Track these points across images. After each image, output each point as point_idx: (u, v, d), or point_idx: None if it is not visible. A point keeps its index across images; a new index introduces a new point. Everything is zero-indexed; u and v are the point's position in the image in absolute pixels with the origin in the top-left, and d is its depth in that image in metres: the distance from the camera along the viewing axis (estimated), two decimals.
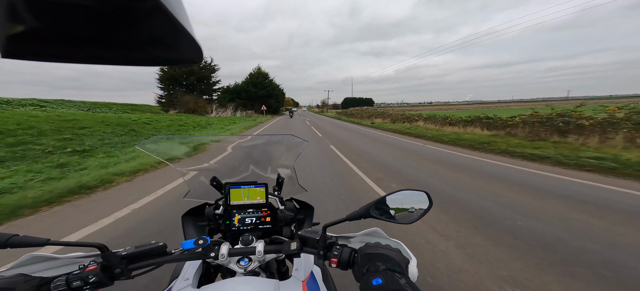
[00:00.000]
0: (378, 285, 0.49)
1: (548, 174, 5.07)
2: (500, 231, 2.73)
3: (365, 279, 0.53)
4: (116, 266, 0.60)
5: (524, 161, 6.34)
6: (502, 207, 3.38)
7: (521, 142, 8.33)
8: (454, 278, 1.99)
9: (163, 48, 0.28)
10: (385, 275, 0.52)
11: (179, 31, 0.24)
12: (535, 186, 4.26)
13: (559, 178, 4.81)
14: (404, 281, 0.50)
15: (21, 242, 0.51)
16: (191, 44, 0.27)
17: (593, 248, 2.38)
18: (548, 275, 2.02)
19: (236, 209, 0.94)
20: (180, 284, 0.70)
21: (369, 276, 0.53)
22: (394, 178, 4.91)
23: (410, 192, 0.65)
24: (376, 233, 0.70)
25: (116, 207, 3.27)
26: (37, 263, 0.59)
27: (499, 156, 7.08)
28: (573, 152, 6.54)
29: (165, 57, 0.30)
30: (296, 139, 1.16)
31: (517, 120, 9.92)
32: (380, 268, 0.55)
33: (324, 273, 0.83)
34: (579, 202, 3.52)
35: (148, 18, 0.22)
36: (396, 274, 0.52)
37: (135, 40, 0.25)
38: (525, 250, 2.36)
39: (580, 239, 2.54)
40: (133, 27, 0.23)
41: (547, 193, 3.94)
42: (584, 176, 4.93)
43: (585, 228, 2.79)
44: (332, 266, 0.66)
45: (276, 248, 0.74)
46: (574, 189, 4.08)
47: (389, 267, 0.55)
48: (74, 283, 0.55)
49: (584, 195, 3.81)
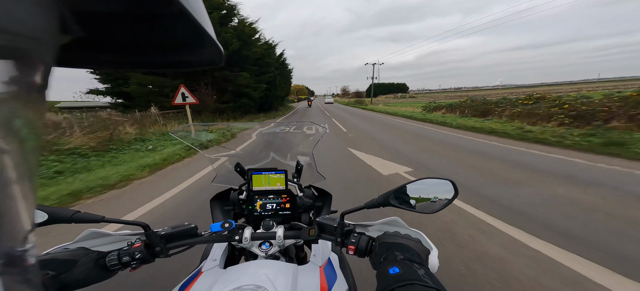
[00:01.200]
0: (395, 274, 0.49)
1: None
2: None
3: (382, 267, 0.53)
4: (157, 245, 0.67)
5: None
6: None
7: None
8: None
9: (188, 51, 0.29)
10: (403, 264, 0.51)
11: (202, 34, 0.25)
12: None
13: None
14: (422, 272, 0.49)
15: (82, 218, 0.59)
16: (212, 46, 0.29)
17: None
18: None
19: (258, 195, 0.99)
20: (209, 264, 0.76)
21: (387, 265, 0.53)
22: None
23: (434, 180, 0.62)
24: (395, 222, 0.70)
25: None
26: (94, 238, 0.68)
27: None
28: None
29: (188, 60, 0.32)
30: (315, 126, 1.17)
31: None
32: (398, 258, 0.54)
33: (340, 259, 0.86)
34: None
35: (175, 23, 0.24)
36: (415, 264, 0.52)
37: (164, 45, 0.28)
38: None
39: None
40: (162, 33, 0.25)
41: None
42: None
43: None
44: (349, 253, 0.68)
45: (295, 234, 0.78)
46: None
47: (408, 257, 0.55)
48: (124, 258, 0.63)
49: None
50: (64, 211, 0.58)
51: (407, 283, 0.46)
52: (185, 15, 0.22)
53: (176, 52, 0.29)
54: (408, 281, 0.46)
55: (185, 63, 0.32)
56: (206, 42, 0.28)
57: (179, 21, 0.23)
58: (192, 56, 0.31)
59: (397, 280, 0.47)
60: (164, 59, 0.30)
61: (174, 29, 0.25)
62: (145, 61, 0.29)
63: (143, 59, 0.29)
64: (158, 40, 0.27)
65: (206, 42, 0.27)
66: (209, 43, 0.28)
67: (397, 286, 0.46)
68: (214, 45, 0.29)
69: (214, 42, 0.28)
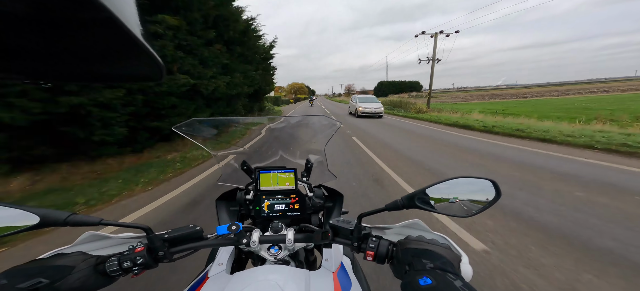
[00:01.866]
0: (427, 285, 0.43)
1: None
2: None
3: (411, 277, 0.47)
4: (160, 249, 0.63)
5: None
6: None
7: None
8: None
9: (119, 65, 0.26)
10: (435, 274, 0.45)
11: (136, 45, 0.22)
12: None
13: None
14: (460, 284, 0.43)
15: (77, 221, 0.54)
16: (149, 59, 0.25)
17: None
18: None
19: (266, 195, 0.95)
20: (216, 268, 0.72)
21: (415, 274, 0.47)
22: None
23: (471, 179, 0.54)
24: (417, 225, 0.65)
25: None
26: (94, 241, 0.64)
27: None
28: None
29: (122, 74, 0.28)
30: (328, 120, 1.12)
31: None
32: (427, 266, 0.49)
33: (354, 264, 0.81)
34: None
35: (100, 31, 0.20)
36: (449, 274, 0.46)
37: (89, 56, 0.23)
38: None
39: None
40: (85, 42, 0.21)
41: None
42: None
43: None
44: (367, 259, 0.63)
45: (307, 237, 0.73)
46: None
47: (439, 266, 0.49)
48: (124, 263, 0.58)
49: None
50: (57, 214, 0.53)
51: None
52: (114, 22, 0.18)
53: (106, 65, 0.25)
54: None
55: (118, 77, 0.28)
56: (141, 55, 0.24)
57: (107, 29, 0.20)
58: (126, 69, 0.27)
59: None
60: (91, 71, 0.26)
61: (101, 38, 0.21)
62: (66, 72, 0.25)
63: (64, 70, 0.25)
64: (83, 51, 0.22)
65: (141, 54, 0.24)
66: (145, 56, 0.24)
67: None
68: (151, 58, 0.25)
69: (152, 55, 0.25)
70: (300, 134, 1.33)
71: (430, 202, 0.56)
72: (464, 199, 0.54)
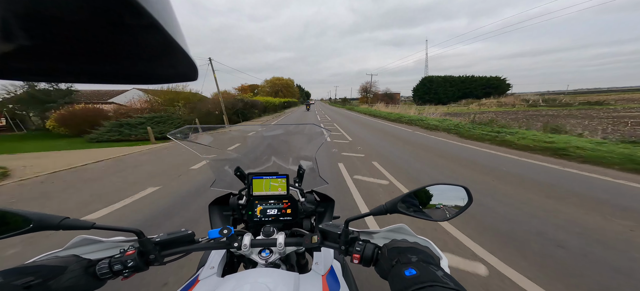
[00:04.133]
0: (412, 276, 0.46)
1: None
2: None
3: (397, 270, 0.50)
4: (151, 252, 0.64)
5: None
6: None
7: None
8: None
9: (158, 66, 0.28)
10: (419, 266, 0.48)
11: (175, 48, 0.24)
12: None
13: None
14: (441, 273, 0.46)
15: (71, 225, 0.56)
16: (186, 62, 0.27)
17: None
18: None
19: (258, 200, 0.96)
20: (207, 272, 0.73)
21: (401, 267, 0.50)
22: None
23: (446, 186, 0.59)
24: (402, 229, 0.68)
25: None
26: (86, 245, 0.65)
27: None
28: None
29: (160, 75, 0.30)
30: (317, 128, 1.15)
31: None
32: (412, 260, 0.52)
33: (343, 268, 0.83)
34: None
35: (143, 36, 0.22)
36: (431, 266, 0.49)
37: (130, 58, 0.25)
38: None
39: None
40: (128, 45, 0.23)
41: None
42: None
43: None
44: (353, 262, 0.65)
45: (297, 241, 0.75)
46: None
47: (422, 258, 0.52)
48: (115, 266, 0.60)
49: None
50: (51, 218, 0.54)
51: (426, 285, 0.43)
52: (156, 28, 0.20)
53: (145, 66, 0.27)
54: (427, 282, 0.43)
55: (156, 77, 0.30)
56: (179, 57, 0.26)
57: (149, 34, 0.21)
58: (164, 70, 0.29)
59: (414, 282, 0.44)
60: (131, 72, 0.27)
61: (143, 41, 0.23)
62: (108, 73, 0.27)
63: (107, 71, 0.26)
64: (124, 53, 0.24)
65: (179, 56, 0.26)
66: (182, 57, 0.26)
67: (416, 288, 0.43)
68: (187, 60, 0.27)
69: (188, 57, 0.27)
70: (291, 140, 1.36)
71: (410, 207, 0.59)
72: (441, 204, 0.58)
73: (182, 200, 3.65)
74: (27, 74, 0.24)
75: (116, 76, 0.27)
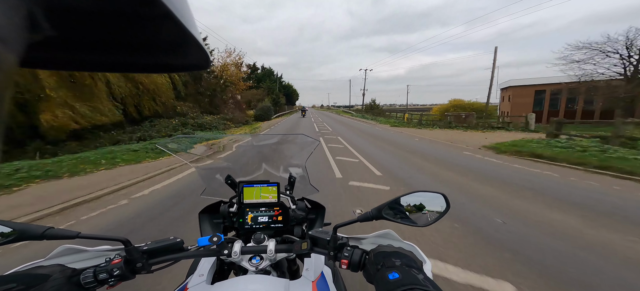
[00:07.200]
0: (395, 279, 0.49)
1: None
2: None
3: (381, 274, 0.53)
4: (138, 261, 0.63)
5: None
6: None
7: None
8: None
9: (171, 55, 0.28)
10: (402, 269, 0.52)
11: (188, 38, 0.24)
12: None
13: None
14: (422, 277, 0.49)
15: (55, 234, 0.55)
16: (199, 50, 0.28)
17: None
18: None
19: (249, 208, 0.97)
20: (196, 280, 0.72)
21: (385, 271, 0.53)
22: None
23: (426, 193, 0.63)
24: (389, 235, 0.70)
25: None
26: (71, 254, 0.64)
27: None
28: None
29: (173, 64, 0.30)
30: (308, 138, 1.17)
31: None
32: (396, 264, 0.54)
33: (334, 274, 0.83)
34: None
35: (157, 25, 0.22)
36: (413, 269, 0.52)
37: (144, 47, 0.26)
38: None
39: None
40: (143, 34, 0.24)
41: None
42: None
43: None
44: (342, 267, 0.66)
45: (287, 248, 0.75)
46: None
47: (405, 262, 0.55)
48: (100, 275, 0.58)
49: None
50: (35, 228, 0.54)
51: (407, 287, 0.46)
52: (170, 17, 0.20)
53: (159, 55, 0.28)
54: (408, 285, 0.46)
55: (170, 66, 0.31)
56: (192, 46, 0.27)
57: (163, 23, 0.22)
58: (177, 59, 0.29)
59: (397, 285, 0.47)
60: (146, 61, 0.29)
61: (158, 30, 0.23)
62: (124, 62, 0.28)
63: (122, 60, 0.28)
64: (139, 42, 0.25)
65: (192, 45, 0.26)
66: (195, 46, 0.27)
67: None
68: (200, 49, 0.28)
69: (200, 46, 0.27)
70: (282, 149, 1.37)
71: (394, 214, 0.63)
72: (421, 211, 0.62)
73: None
74: (51, 64, 0.25)
75: (134, 65, 0.28)
